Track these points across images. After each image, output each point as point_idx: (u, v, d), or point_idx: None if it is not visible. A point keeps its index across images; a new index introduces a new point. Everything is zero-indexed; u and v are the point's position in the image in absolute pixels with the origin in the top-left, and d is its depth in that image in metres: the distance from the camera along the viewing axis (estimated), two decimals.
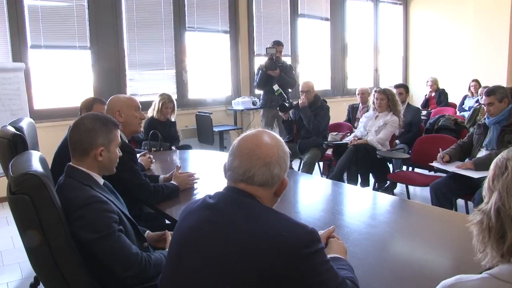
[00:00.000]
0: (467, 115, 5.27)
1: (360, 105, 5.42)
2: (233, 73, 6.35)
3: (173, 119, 4.52)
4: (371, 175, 4.29)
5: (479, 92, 5.98)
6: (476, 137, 3.42)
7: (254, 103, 5.85)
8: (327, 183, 3.17)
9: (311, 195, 2.58)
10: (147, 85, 5.62)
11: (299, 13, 6.96)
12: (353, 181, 4.18)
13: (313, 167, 4.45)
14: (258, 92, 5.95)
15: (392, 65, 8.50)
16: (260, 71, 5.50)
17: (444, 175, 3.50)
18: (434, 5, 8.13)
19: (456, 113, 6.11)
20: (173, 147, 4.23)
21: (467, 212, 3.54)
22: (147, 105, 4.36)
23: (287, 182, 1.23)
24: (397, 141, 4.64)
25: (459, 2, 7.65)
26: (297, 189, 2.65)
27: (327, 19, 7.38)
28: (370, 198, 2.58)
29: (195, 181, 2.50)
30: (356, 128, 4.80)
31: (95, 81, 5.19)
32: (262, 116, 5.75)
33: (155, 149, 3.91)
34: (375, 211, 2.26)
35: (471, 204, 3.35)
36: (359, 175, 4.25)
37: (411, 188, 4.25)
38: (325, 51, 7.45)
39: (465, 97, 6.83)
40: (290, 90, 5.49)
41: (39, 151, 2.18)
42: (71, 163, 1.66)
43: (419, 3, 8.34)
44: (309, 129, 4.44)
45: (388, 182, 4.30)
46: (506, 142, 3.16)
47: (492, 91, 3.30)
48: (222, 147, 5.55)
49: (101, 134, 1.65)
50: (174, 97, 4.72)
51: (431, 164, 3.48)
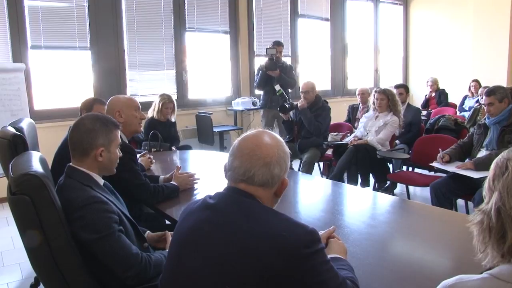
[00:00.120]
0: (467, 115, 5.27)
1: (360, 105, 5.42)
2: (233, 73, 6.35)
3: (173, 120, 4.52)
4: (371, 175, 4.29)
5: (479, 92, 5.99)
6: (476, 137, 3.42)
7: (254, 104, 5.85)
8: (327, 183, 3.17)
9: (311, 195, 2.58)
10: (147, 85, 5.62)
11: (299, 13, 6.96)
12: (353, 181, 4.18)
13: (312, 166, 4.43)
14: (258, 92, 5.95)
15: (392, 65, 8.50)
16: (260, 72, 5.50)
17: (444, 175, 3.50)
18: (434, 5, 8.13)
19: (456, 113, 6.11)
20: (173, 148, 4.22)
21: (467, 212, 3.54)
22: (147, 106, 4.36)
23: (287, 182, 1.23)
24: (397, 141, 4.63)
25: (459, 2, 7.65)
26: (297, 189, 2.65)
27: (327, 19, 7.38)
28: (370, 198, 2.58)
29: (195, 181, 2.50)
30: (356, 128, 4.80)
31: (95, 81, 5.19)
32: (262, 116, 5.75)
33: (155, 150, 3.91)
34: (375, 211, 2.26)
35: (471, 204, 3.35)
36: (359, 175, 4.25)
37: (411, 188, 4.25)
38: (325, 51, 7.45)
39: (465, 97, 6.83)
40: (290, 90, 5.49)
41: (39, 151, 2.18)
42: (71, 164, 1.66)
43: (419, 3, 8.34)
44: (310, 131, 4.44)
45: (388, 182, 4.30)
46: (506, 142, 3.16)
47: (492, 91, 3.30)
48: (222, 148, 5.55)
49: (101, 134, 1.65)
50: (174, 97, 4.72)
51: (431, 164, 3.48)
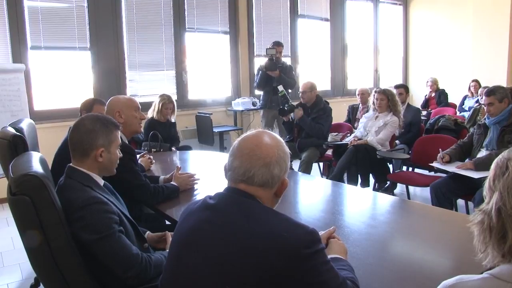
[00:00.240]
0: (467, 115, 5.27)
1: (360, 105, 5.42)
2: (233, 73, 6.36)
3: (173, 120, 4.52)
4: (371, 175, 4.29)
5: (479, 92, 5.98)
6: (476, 137, 3.42)
7: (254, 104, 5.85)
8: (327, 183, 3.17)
9: (311, 196, 2.58)
10: (147, 85, 5.62)
11: (299, 14, 6.97)
12: (353, 181, 4.18)
13: (310, 166, 4.41)
14: (258, 92, 5.95)
15: (392, 65, 8.50)
16: (260, 72, 5.49)
17: (444, 175, 3.50)
18: (434, 5, 8.13)
19: (456, 113, 6.12)
20: (173, 148, 4.22)
21: (467, 212, 3.53)
22: (147, 106, 4.35)
23: (287, 182, 1.22)
24: (397, 142, 4.63)
25: (459, 2, 7.65)
26: (297, 190, 2.65)
27: (327, 20, 7.38)
28: (370, 198, 2.58)
29: (195, 182, 2.50)
30: (356, 128, 4.80)
31: (95, 82, 5.19)
32: (262, 116, 5.75)
33: (155, 150, 3.90)
34: (375, 212, 2.26)
35: (471, 204, 3.34)
36: (359, 175, 4.25)
37: (411, 188, 4.25)
38: (325, 52, 7.45)
39: (465, 97, 6.83)
40: (290, 90, 5.49)
41: (39, 152, 2.18)
42: (71, 164, 1.66)
43: (419, 4, 8.35)
44: (312, 135, 4.43)
45: (388, 182, 4.30)
46: (506, 142, 3.16)
47: (492, 91, 3.30)
48: (222, 148, 5.55)
49: (102, 135, 1.65)
50: (174, 97, 4.72)
51: (431, 164, 3.47)
